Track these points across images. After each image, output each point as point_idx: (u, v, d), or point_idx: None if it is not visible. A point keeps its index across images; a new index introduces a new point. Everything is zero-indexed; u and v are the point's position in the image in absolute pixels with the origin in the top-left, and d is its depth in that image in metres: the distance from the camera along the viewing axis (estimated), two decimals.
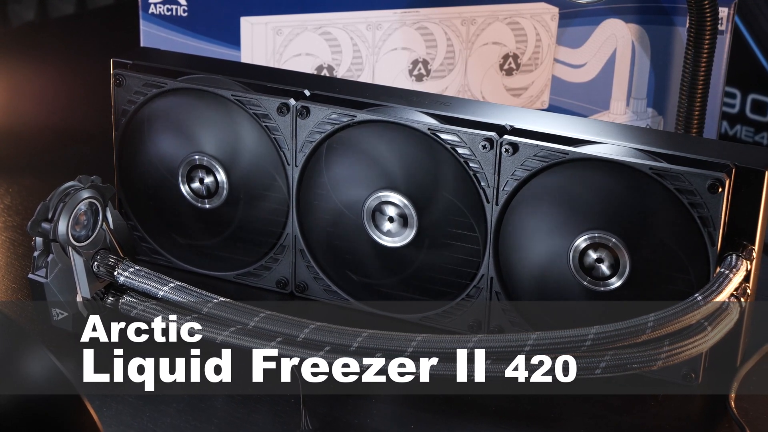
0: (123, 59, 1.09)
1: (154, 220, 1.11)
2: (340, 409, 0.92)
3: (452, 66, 1.25)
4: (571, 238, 0.96)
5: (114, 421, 0.90)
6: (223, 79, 1.06)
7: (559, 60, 1.26)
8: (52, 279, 0.97)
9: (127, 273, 0.97)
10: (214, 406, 0.92)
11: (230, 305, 0.94)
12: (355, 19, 1.23)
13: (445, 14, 1.23)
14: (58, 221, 0.96)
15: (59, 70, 1.39)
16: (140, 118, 1.08)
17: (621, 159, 0.93)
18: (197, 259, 1.11)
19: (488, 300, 1.00)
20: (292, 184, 1.04)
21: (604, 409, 0.94)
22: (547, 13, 1.24)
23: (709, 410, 0.94)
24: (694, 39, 1.15)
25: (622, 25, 1.24)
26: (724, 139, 1.48)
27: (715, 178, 0.90)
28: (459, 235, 1.00)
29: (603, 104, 1.26)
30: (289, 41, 1.23)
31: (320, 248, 1.06)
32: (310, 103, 1.01)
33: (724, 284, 0.90)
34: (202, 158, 1.06)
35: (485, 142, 0.96)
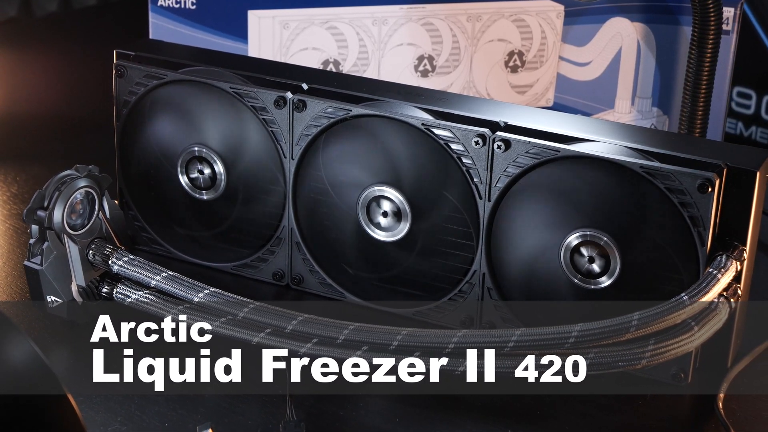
0: (126, 50, 1.10)
1: (154, 210, 1.12)
2: (327, 401, 0.93)
3: (457, 62, 1.26)
4: (563, 236, 0.96)
5: (102, 407, 0.91)
6: (222, 72, 1.06)
7: (564, 58, 1.26)
8: (47, 266, 0.98)
9: (121, 262, 0.98)
10: (201, 395, 0.93)
11: (220, 296, 0.94)
12: (362, 14, 1.24)
13: (451, 10, 1.24)
14: (54, 209, 0.97)
15: (71, 61, 1.40)
16: (141, 108, 1.09)
17: (611, 157, 0.93)
18: (196, 249, 1.11)
19: (480, 296, 1.01)
20: (289, 177, 1.05)
21: (591, 408, 0.93)
22: (553, 11, 1.24)
23: (697, 410, 0.94)
24: (698, 39, 1.15)
25: (628, 23, 1.24)
26: (737, 140, 1.47)
27: (704, 177, 0.90)
28: (452, 230, 1.00)
29: (608, 103, 1.26)
30: (295, 35, 1.23)
31: (316, 241, 1.06)
32: (306, 97, 1.02)
33: (711, 284, 0.89)
34: (201, 150, 1.07)
35: (478, 138, 0.96)
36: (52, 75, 1.39)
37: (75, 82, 1.38)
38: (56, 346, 0.99)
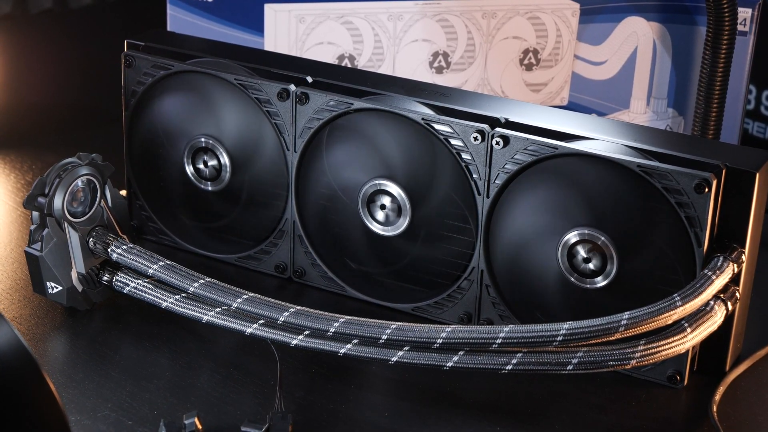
0: (137, 41, 1.10)
1: (161, 200, 1.12)
2: (317, 394, 0.93)
3: (472, 59, 1.25)
4: (561, 234, 0.95)
5: (93, 393, 0.91)
6: (229, 63, 1.07)
7: (580, 56, 1.25)
8: (46, 253, 0.99)
9: (120, 250, 0.99)
10: (193, 384, 0.93)
11: (215, 286, 0.95)
12: (377, 9, 1.23)
13: (466, 7, 1.23)
14: (54, 196, 0.98)
15: (91, 51, 1.41)
16: (149, 99, 1.09)
17: (609, 155, 0.92)
18: (201, 240, 1.12)
19: (479, 293, 1.00)
20: (292, 170, 1.05)
21: (582, 407, 0.93)
22: (568, 9, 1.23)
23: (691, 413, 0.93)
24: (712, 39, 1.14)
25: (644, 23, 1.23)
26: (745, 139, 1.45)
27: (701, 178, 0.89)
28: (452, 226, 1.00)
29: (623, 103, 1.25)
30: (311, 29, 1.23)
31: (318, 235, 1.06)
32: (309, 90, 1.02)
33: (705, 286, 0.88)
34: (207, 141, 1.07)
35: (476, 133, 0.96)
36: (70, 66, 1.40)
37: (94, 73, 1.39)
38: (55, 332, 0.99)
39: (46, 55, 1.39)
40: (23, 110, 1.38)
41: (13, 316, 1.00)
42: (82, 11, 1.40)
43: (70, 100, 1.41)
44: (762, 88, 1.37)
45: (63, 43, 1.40)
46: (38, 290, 1.01)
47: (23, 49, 1.37)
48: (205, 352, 0.97)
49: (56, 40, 1.39)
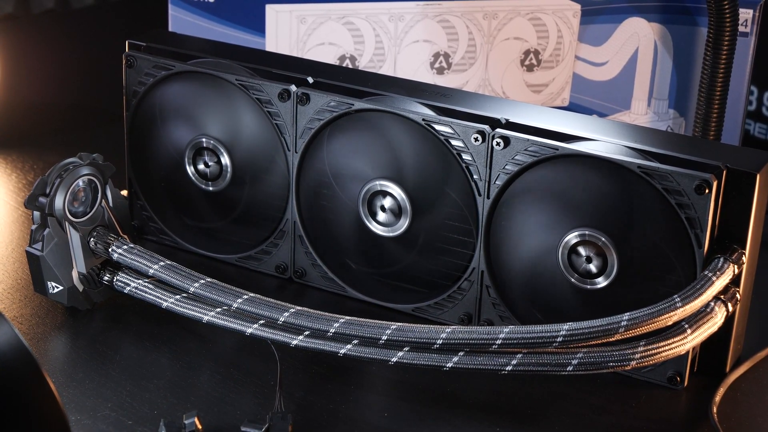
0: (139, 41, 1.10)
1: (162, 200, 1.12)
2: (317, 394, 0.93)
3: (473, 60, 1.25)
4: (561, 235, 0.95)
5: (93, 393, 0.91)
6: (230, 64, 1.07)
7: (581, 57, 1.25)
8: (47, 252, 0.99)
9: (120, 250, 0.99)
10: (193, 384, 0.93)
11: (215, 286, 0.95)
12: (378, 10, 1.23)
13: (468, 7, 1.23)
14: (55, 196, 0.98)
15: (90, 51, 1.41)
16: (150, 99, 1.09)
17: (609, 156, 0.92)
18: (202, 241, 1.12)
19: (479, 293, 1.00)
20: (292, 170, 1.05)
21: (582, 408, 0.93)
22: (569, 10, 1.23)
23: (691, 414, 0.93)
24: (713, 40, 1.14)
25: (645, 24, 1.23)
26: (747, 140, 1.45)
27: (701, 179, 0.89)
28: (452, 227, 1.00)
29: (624, 104, 1.25)
30: (312, 30, 1.23)
31: (318, 235, 1.06)
32: (310, 90, 1.02)
33: (705, 287, 0.88)
34: (208, 141, 1.07)
35: (477, 134, 0.96)
36: (71, 66, 1.41)
37: (96, 73, 1.40)
38: (55, 332, 0.99)
39: (48, 55, 1.39)
40: (25, 110, 1.38)
41: (13, 315, 1.00)
42: (83, 11, 1.41)
43: (71, 100, 1.42)
44: (763, 89, 1.37)
45: (65, 43, 1.40)
46: (39, 290, 1.01)
47: (25, 49, 1.38)
48: (205, 352, 0.97)
49: (58, 40, 1.40)
